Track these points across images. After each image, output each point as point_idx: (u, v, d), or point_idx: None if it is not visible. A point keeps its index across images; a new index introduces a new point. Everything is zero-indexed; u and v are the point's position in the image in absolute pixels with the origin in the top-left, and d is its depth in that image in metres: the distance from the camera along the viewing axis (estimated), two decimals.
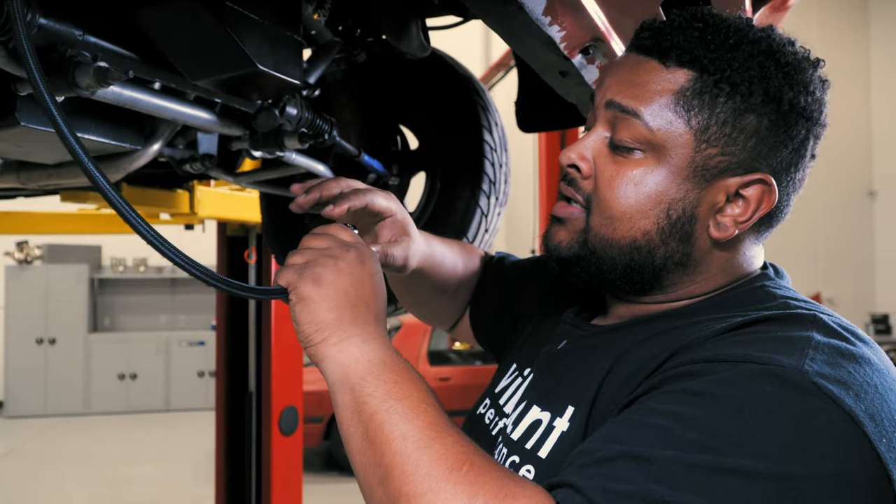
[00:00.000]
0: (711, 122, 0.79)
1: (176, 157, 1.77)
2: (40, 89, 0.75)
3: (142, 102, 1.14)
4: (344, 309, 0.80)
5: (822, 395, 0.65)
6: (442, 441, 0.69)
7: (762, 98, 0.79)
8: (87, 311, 9.95)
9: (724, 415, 0.64)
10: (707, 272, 0.85)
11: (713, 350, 0.72)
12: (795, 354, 0.68)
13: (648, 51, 0.83)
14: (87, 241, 9.92)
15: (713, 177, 0.81)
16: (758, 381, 0.66)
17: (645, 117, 0.81)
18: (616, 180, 0.83)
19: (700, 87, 0.79)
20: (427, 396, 0.74)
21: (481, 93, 1.86)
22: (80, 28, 1.01)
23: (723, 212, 0.82)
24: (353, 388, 0.75)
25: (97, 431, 8.94)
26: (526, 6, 0.89)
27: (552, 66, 1.10)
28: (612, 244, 0.84)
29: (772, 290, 0.82)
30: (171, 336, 10.28)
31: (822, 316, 0.75)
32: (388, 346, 0.80)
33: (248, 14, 1.09)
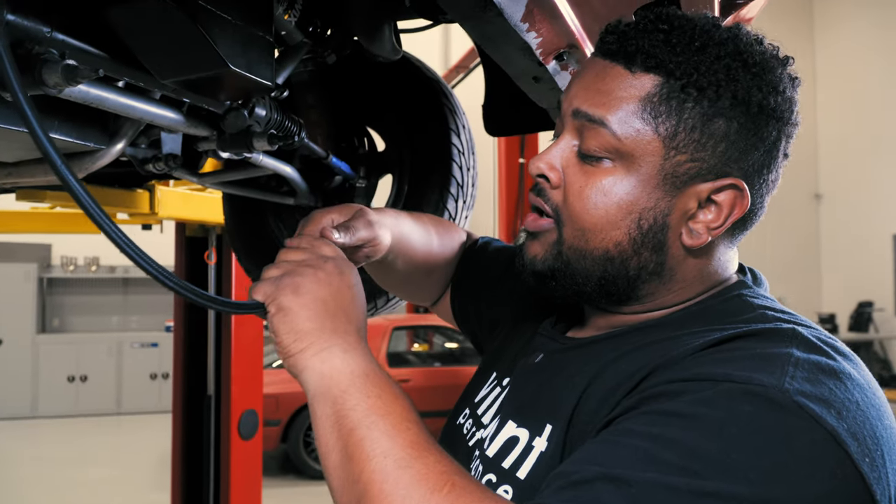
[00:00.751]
0: (679, 128, 0.78)
1: (138, 157, 1.73)
2: (14, 87, 0.73)
3: (109, 101, 1.11)
4: (324, 318, 0.79)
5: (804, 414, 0.64)
6: (424, 460, 0.68)
7: (730, 101, 0.77)
8: (35, 312, 9.71)
9: (705, 436, 0.63)
10: (682, 280, 0.84)
11: (692, 369, 0.71)
12: (775, 372, 0.67)
13: (614, 55, 0.81)
14: (36, 240, 9.67)
15: (684, 184, 0.79)
16: (738, 401, 0.65)
17: (612, 126, 0.79)
18: (585, 190, 0.82)
19: (667, 92, 0.78)
20: (410, 413, 0.73)
21: (449, 95, 1.86)
22: (48, 25, 0.98)
23: (695, 218, 0.81)
24: (334, 400, 0.74)
25: (46, 435, 8.73)
26: (505, 12, 0.89)
27: (526, 71, 1.11)
28: (585, 255, 0.83)
29: (749, 300, 0.81)
30: (122, 337, 10.08)
31: (801, 329, 0.74)
32: (369, 357, 0.78)
33: (221, 14, 1.07)
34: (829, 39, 13.08)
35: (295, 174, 1.72)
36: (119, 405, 9.90)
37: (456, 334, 7.95)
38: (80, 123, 1.28)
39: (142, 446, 8.09)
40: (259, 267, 2.07)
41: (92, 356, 9.85)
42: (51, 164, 0.73)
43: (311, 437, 6.92)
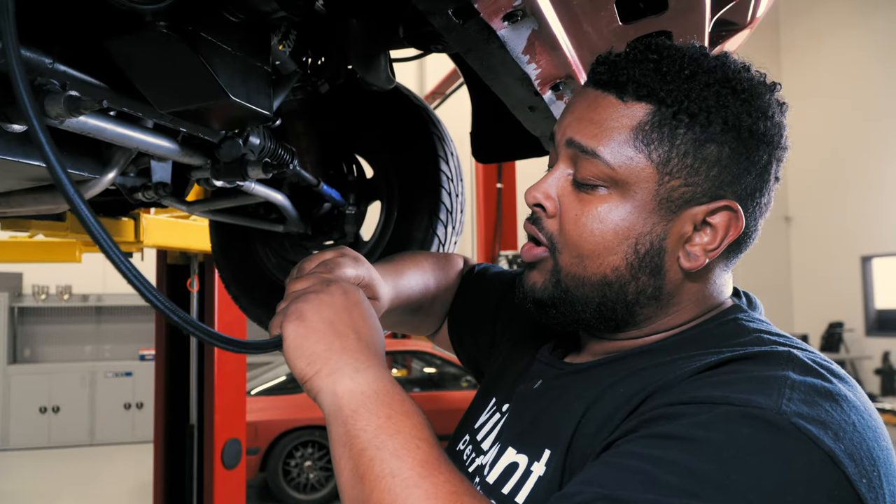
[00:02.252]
0: (672, 154, 0.79)
1: (127, 185, 1.73)
2: (32, 118, 0.73)
3: (107, 131, 1.12)
4: (332, 339, 0.79)
5: (802, 436, 0.64)
6: (432, 480, 0.69)
7: (721, 127, 0.79)
8: (5, 342, 9.52)
9: (704, 458, 0.64)
10: (679, 304, 0.85)
11: (689, 392, 0.72)
12: (773, 395, 0.68)
13: (605, 85, 0.83)
14: (6, 269, 9.51)
15: (679, 208, 0.81)
16: (736, 424, 0.66)
17: (605, 156, 0.81)
18: (582, 218, 0.83)
19: (658, 120, 0.79)
20: (421, 431, 0.74)
21: (437, 123, 1.87)
22: (50, 56, 0.99)
23: (691, 241, 0.82)
24: (345, 421, 0.74)
25: (16, 468, 8.53)
26: (507, 44, 0.91)
27: (523, 100, 1.13)
28: (583, 282, 0.84)
29: (744, 324, 0.82)
30: (96, 367, 9.90)
31: (796, 352, 0.75)
32: (383, 375, 0.79)
33: (221, 44, 1.08)
34: (796, 64, 13.37)
35: (286, 201, 1.73)
36: (92, 436, 9.71)
37: (434, 359, 7.93)
38: (75, 153, 1.28)
39: (116, 477, 7.93)
40: (246, 294, 2.06)
41: (64, 386, 9.66)
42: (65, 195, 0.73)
43: (289, 465, 6.84)
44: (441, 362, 7.87)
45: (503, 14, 0.85)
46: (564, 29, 0.94)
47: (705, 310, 0.86)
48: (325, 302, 0.82)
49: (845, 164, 12.28)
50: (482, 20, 0.83)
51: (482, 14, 0.81)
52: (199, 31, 1.04)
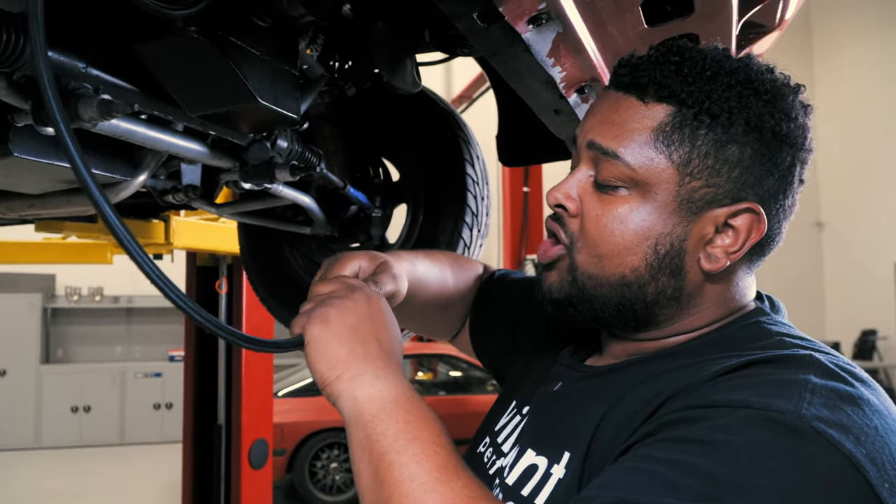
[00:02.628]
0: (693, 154, 0.79)
1: (158, 188, 1.76)
2: (59, 122, 0.75)
3: (137, 134, 1.14)
4: (354, 345, 0.80)
5: (822, 440, 0.64)
6: (450, 485, 0.69)
7: (743, 128, 0.78)
8: (39, 342, 9.68)
9: (723, 462, 0.64)
10: (700, 305, 0.84)
11: (709, 395, 0.71)
12: (793, 398, 0.67)
13: (627, 87, 0.83)
14: (40, 270, 9.68)
15: (700, 209, 0.81)
16: (756, 428, 0.65)
17: (625, 157, 0.81)
18: (602, 218, 0.83)
19: (679, 121, 0.79)
20: (439, 437, 0.74)
21: (463, 126, 1.88)
22: (84, 60, 1.01)
23: (713, 243, 0.81)
24: (365, 425, 0.75)
25: (48, 466, 8.67)
26: (532, 48, 0.91)
27: (548, 104, 1.13)
28: (601, 282, 0.84)
29: (767, 327, 0.81)
30: (126, 367, 10.04)
31: (818, 356, 0.74)
32: (402, 382, 0.80)
33: (250, 49, 1.10)
34: (829, 69, 13.20)
35: (313, 204, 1.75)
36: (122, 436, 9.84)
37: (460, 362, 7.93)
38: (107, 156, 1.31)
39: (145, 477, 8.03)
40: (274, 295, 2.08)
41: (95, 386, 9.80)
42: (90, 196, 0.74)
43: (316, 466, 6.88)
44: (467, 366, 7.87)
45: (528, 17, 0.85)
46: (589, 32, 0.94)
47: (728, 312, 0.85)
48: (350, 308, 0.83)
49: (879, 169, 12.09)
50: (507, 24, 0.84)
51: (507, 17, 0.82)
52: (228, 36, 1.06)
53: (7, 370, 9.49)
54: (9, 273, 9.61)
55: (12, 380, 9.49)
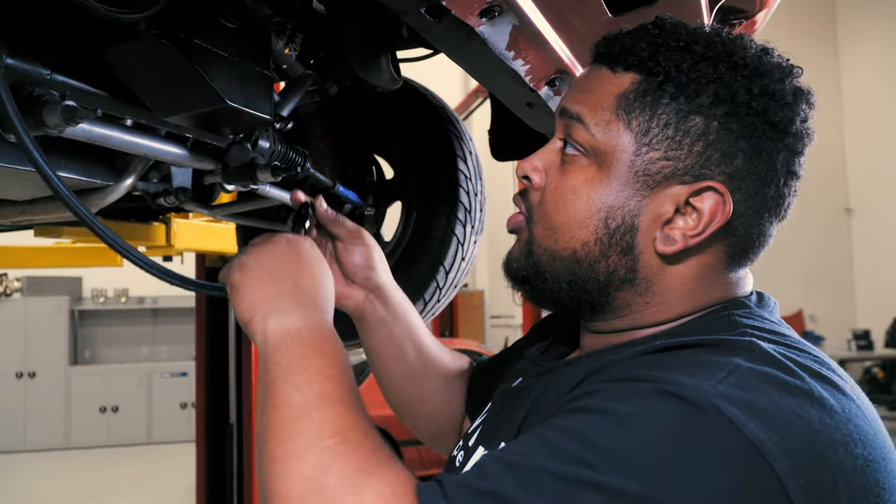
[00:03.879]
0: (653, 123, 0.75)
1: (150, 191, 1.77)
2: (18, 129, 0.75)
3: (113, 139, 1.14)
4: (269, 286, 0.84)
5: (721, 417, 0.59)
6: (322, 411, 0.70)
7: (711, 99, 0.74)
8: (67, 344, 9.83)
9: (607, 430, 0.61)
10: (662, 294, 0.79)
11: (623, 370, 0.70)
12: (703, 376, 0.63)
13: (600, 58, 0.81)
14: (67, 273, 9.82)
15: (657, 183, 0.76)
16: (650, 399, 0.62)
17: (586, 120, 0.78)
18: (559, 189, 0.81)
19: (644, 89, 0.76)
20: (330, 368, 0.75)
21: (455, 122, 1.87)
22: (48, 67, 1.01)
23: (672, 223, 0.77)
24: (266, 357, 0.78)
25: (78, 466, 8.81)
26: (489, 42, 0.90)
27: (518, 97, 1.11)
28: (554, 256, 0.81)
29: (737, 319, 0.75)
30: (152, 367, 10.16)
31: (764, 345, 0.68)
32: (309, 317, 0.81)
33: (216, 51, 1.10)
34: (854, 54, 12.97)
35: None
36: (150, 435, 9.96)
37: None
38: (87, 161, 1.31)
39: (172, 475, 8.12)
40: None
41: (123, 387, 9.93)
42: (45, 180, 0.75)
43: None
44: None
45: (478, 10, 0.83)
46: (549, 23, 0.93)
47: (702, 308, 0.79)
48: (267, 253, 0.87)
49: None
50: (457, 18, 0.82)
51: (454, 12, 0.80)
52: (193, 38, 1.05)
53: (37, 372, 9.65)
54: (37, 276, 9.78)
55: (42, 381, 9.65)
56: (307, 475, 0.65)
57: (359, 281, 1.13)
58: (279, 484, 0.66)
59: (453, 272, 1.84)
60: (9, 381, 9.54)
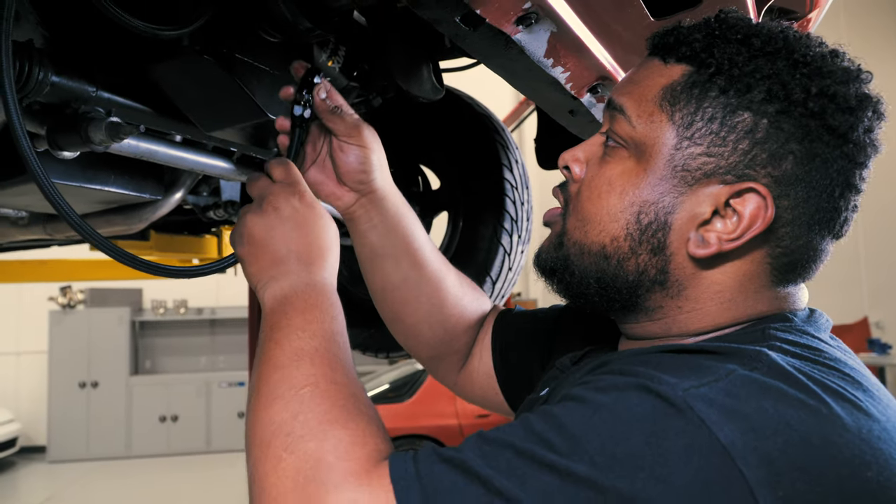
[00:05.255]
0: (697, 116, 0.71)
1: (200, 205, 1.80)
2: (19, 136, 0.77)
3: (159, 154, 1.16)
4: (262, 258, 0.87)
5: (692, 416, 0.57)
6: (297, 364, 0.73)
7: (764, 95, 0.69)
8: (128, 354, 10.06)
9: (578, 416, 0.61)
10: (696, 300, 0.75)
11: (617, 365, 0.68)
12: (690, 377, 0.61)
13: (654, 49, 0.78)
14: (128, 284, 10.07)
15: (695, 180, 0.71)
16: (628, 392, 0.61)
17: (629, 111, 0.75)
18: (595, 180, 0.78)
19: (693, 81, 0.72)
20: (309, 324, 0.78)
21: (501, 131, 1.86)
22: (94, 84, 1.03)
23: (708, 225, 0.72)
24: (262, 324, 0.82)
25: (139, 475, 8.99)
26: (527, 49, 0.88)
27: (560, 105, 1.10)
28: (583, 250, 0.78)
29: (772, 332, 0.69)
30: (211, 377, 10.33)
31: (776, 356, 0.64)
32: (299, 279, 0.84)
33: (258, 65, 1.11)
34: None
35: None
36: (209, 444, 10.12)
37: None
38: (136, 176, 1.34)
39: (230, 484, 8.23)
40: None
41: (182, 396, 10.11)
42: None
43: None
44: None
45: (514, 18, 0.82)
46: (589, 30, 0.91)
47: (743, 320, 0.74)
48: (257, 224, 0.88)
49: None
50: (493, 26, 0.81)
51: (489, 20, 0.79)
52: (234, 53, 1.06)
53: (100, 382, 9.90)
54: (99, 288, 10.05)
55: (104, 391, 9.90)
56: (276, 420, 0.68)
57: (350, 184, 1.08)
58: (252, 430, 0.70)
59: (500, 282, 1.82)
60: (72, 390, 9.80)
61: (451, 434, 6.87)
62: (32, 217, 1.56)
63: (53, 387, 9.74)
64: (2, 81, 0.74)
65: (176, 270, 1.00)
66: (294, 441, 0.66)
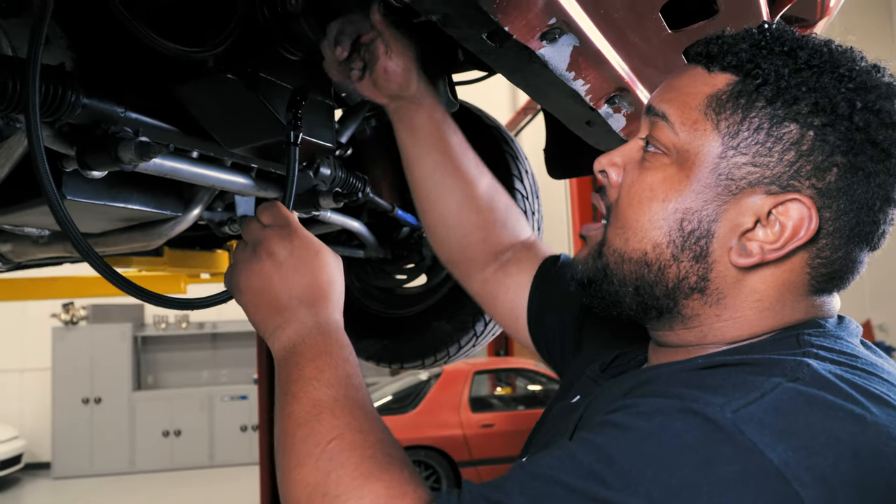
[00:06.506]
0: (743, 126, 0.71)
1: (215, 220, 1.81)
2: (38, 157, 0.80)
3: (182, 172, 1.18)
4: (264, 308, 0.88)
5: (743, 440, 0.57)
6: (318, 418, 0.74)
7: (810, 108, 0.69)
8: (130, 370, 10.06)
9: (625, 446, 0.60)
10: (735, 308, 0.75)
11: (659, 386, 0.68)
12: (735, 396, 0.60)
13: (697, 57, 0.78)
14: (130, 301, 10.07)
15: (739, 189, 0.72)
16: (673, 417, 0.60)
17: (671, 118, 0.75)
18: (635, 186, 0.78)
19: (739, 90, 0.72)
20: (321, 372, 0.78)
21: (510, 141, 1.87)
22: (122, 105, 1.05)
23: (751, 234, 0.72)
24: (275, 376, 0.83)
25: (142, 490, 8.97)
26: (550, 64, 0.90)
27: (578, 116, 1.12)
28: (623, 258, 0.78)
29: (806, 338, 0.70)
30: (213, 391, 10.33)
31: (816, 365, 0.64)
32: (303, 324, 0.84)
33: (280, 82, 1.13)
34: None
35: (362, 228, 1.77)
36: (212, 458, 10.11)
37: (539, 376, 7.85)
38: (157, 194, 1.36)
39: (233, 498, 8.23)
40: None
41: (185, 411, 10.12)
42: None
43: None
44: (546, 380, 7.79)
45: (539, 34, 0.84)
46: (609, 42, 0.93)
47: (779, 329, 0.74)
48: (253, 272, 0.88)
49: None
50: (518, 42, 0.83)
51: (516, 36, 0.81)
52: (258, 72, 1.08)
53: (103, 397, 9.89)
54: (101, 305, 10.05)
55: (107, 406, 9.89)
56: (310, 481, 0.69)
57: (385, 94, 1.14)
58: (287, 492, 0.71)
59: None
60: (76, 406, 9.80)
61: (456, 444, 6.87)
62: (53, 236, 1.57)
63: (57, 403, 9.74)
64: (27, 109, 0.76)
65: (181, 301, 1.00)
66: (331, 502, 0.67)
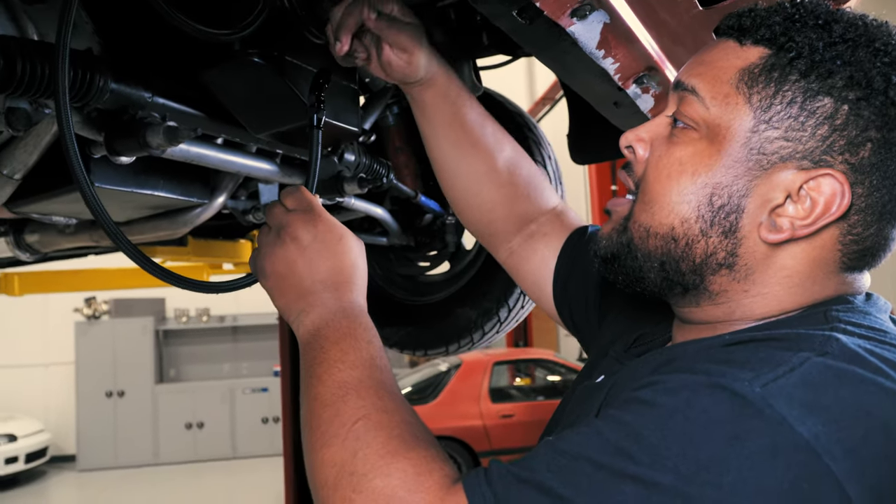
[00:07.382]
0: (776, 100, 0.69)
1: (239, 209, 1.82)
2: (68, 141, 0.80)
3: (209, 158, 1.18)
4: (288, 293, 0.88)
5: (773, 414, 0.56)
6: (344, 398, 0.74)
7: (845, 82, 0.67)
8: (153, 363, 10.15)
9: (652, 422, 0.59)
10: (763, 284, 0.73)
11: (686, 362, 0.67)
12: (764, 370, 0.59)
13: (728, 31, 0.76)
14: (151, 294, 10.16)
15: (771, 164, 0.70)
16: (700, 393, 0.59)
17: (701, 92, 0.73)
18: (663, 160, 0.76)
19: (772, 63, 0.70)
20: (346, 354, 0.79)
21: (533, 128, 1.86)
22: (150, 91, 1.05)
23: (781, 209, 0.71)
24: (300, 359, 0.84)
25: (166, 481, 9.07)
26: (580, 41, 0.89)
27: (606, 97, 1.11)
28: (649, 232, 0.76)
29: (834, 314, 0.69)
30: (234, 384, 10.41)
31: (845, 339, 0.63)
32: (326, 308, 0.85)
33: (305, 66, 1.12)
34: None
35: (386, 215, 1.76)
36: (234, 450, 10.19)
37: (558, 367, 7.85)
38: (184, 181, 1.36)
39: (256, 489, 8.29)
40: None
41: (207, 403, 10.21)
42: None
43: None
44: (565, 370, 7.78)
45: (570, 10, 0.83)
46: (639, 19, 0.92)
47: (808, 305, 0.73)
48: (278, 257, 0.89)
49: None
50: (549, 19, 0.82)
51: (546, 12, 0.80)
52: (284, 56, 1.08)
53: (126, 391, 9.99)
54: (123, 299, 10.15)
55: (131, 400, 9.99)
56: (337, 461, 0.69)
57: (394, 79, 1.11)
58: (314, 472, 0.71)
59: None
60: (100, 400, 9.91)
61: (476, 435, 6.88)
62: (80, 225, 1.58)
63: (81, 397, 9.85)
64: (58, 92, 0.76)
65: (209, 285, 1.01)
66: (359, 480, 0.67)
